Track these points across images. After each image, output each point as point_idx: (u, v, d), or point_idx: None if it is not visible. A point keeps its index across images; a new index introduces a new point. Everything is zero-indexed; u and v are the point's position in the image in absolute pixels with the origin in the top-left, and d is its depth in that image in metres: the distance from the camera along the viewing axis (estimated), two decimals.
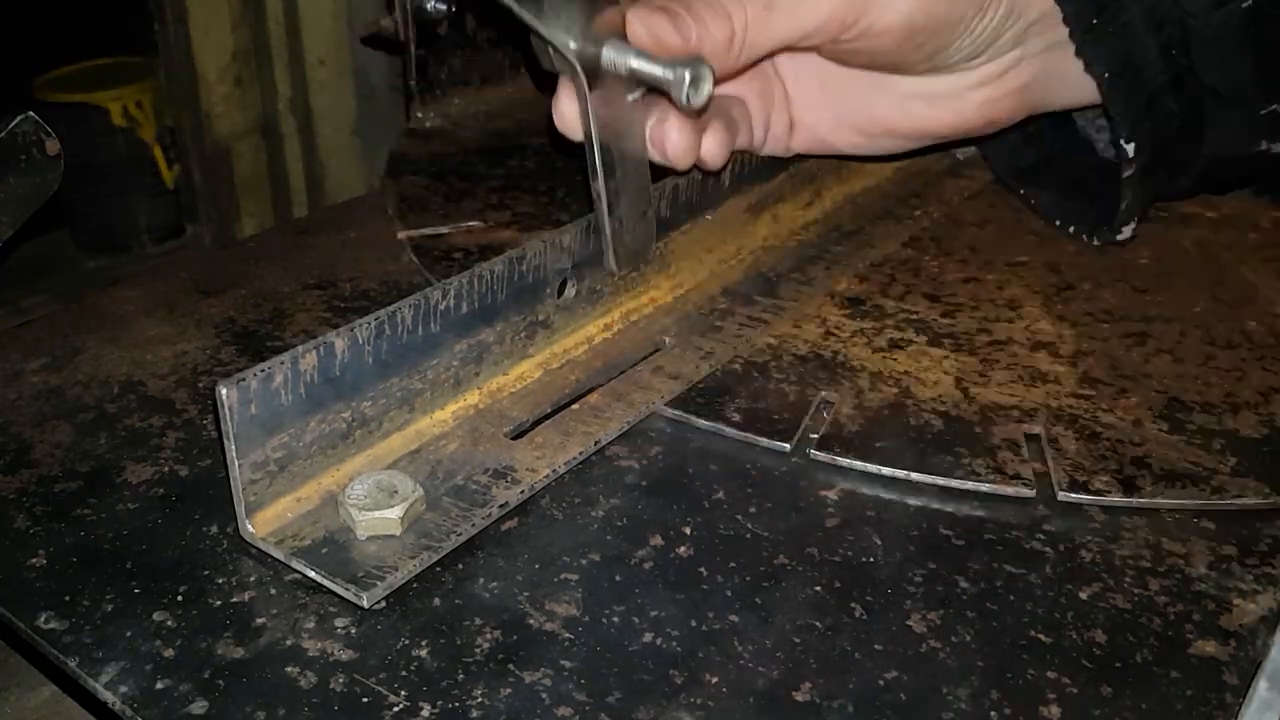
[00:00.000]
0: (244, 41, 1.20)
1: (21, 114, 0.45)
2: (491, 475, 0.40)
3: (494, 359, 0.44)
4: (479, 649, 0.33)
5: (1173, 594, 0.35)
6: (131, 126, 1.33)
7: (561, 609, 0.35)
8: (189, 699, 0.32)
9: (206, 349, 0.49)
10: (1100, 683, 0.32)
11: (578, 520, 0.39)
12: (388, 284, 0.54)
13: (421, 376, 0.41)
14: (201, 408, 0.45)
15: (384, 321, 0.38)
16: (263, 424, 0.36)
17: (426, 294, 0.40)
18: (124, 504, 0.39)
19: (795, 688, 0.32)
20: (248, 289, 0.54)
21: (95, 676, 0.32)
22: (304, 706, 0.31)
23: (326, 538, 0.36)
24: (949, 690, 0.32)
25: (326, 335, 0.37)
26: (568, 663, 0.33)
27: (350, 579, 0.35)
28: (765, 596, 0.35)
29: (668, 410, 0.44)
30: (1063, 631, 0.34)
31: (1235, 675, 0.33)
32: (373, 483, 0.37)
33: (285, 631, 0.34)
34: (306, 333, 0.50)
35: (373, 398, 0.39)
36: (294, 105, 1.20)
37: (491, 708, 0.31)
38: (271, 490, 0.37)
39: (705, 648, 0.34)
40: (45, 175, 0.46)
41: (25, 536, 0.38)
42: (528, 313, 0.44)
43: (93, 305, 0.52)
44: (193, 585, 0.36)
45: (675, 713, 0.31)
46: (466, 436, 0.42)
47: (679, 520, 0.39)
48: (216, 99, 1.20)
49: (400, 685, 0.32)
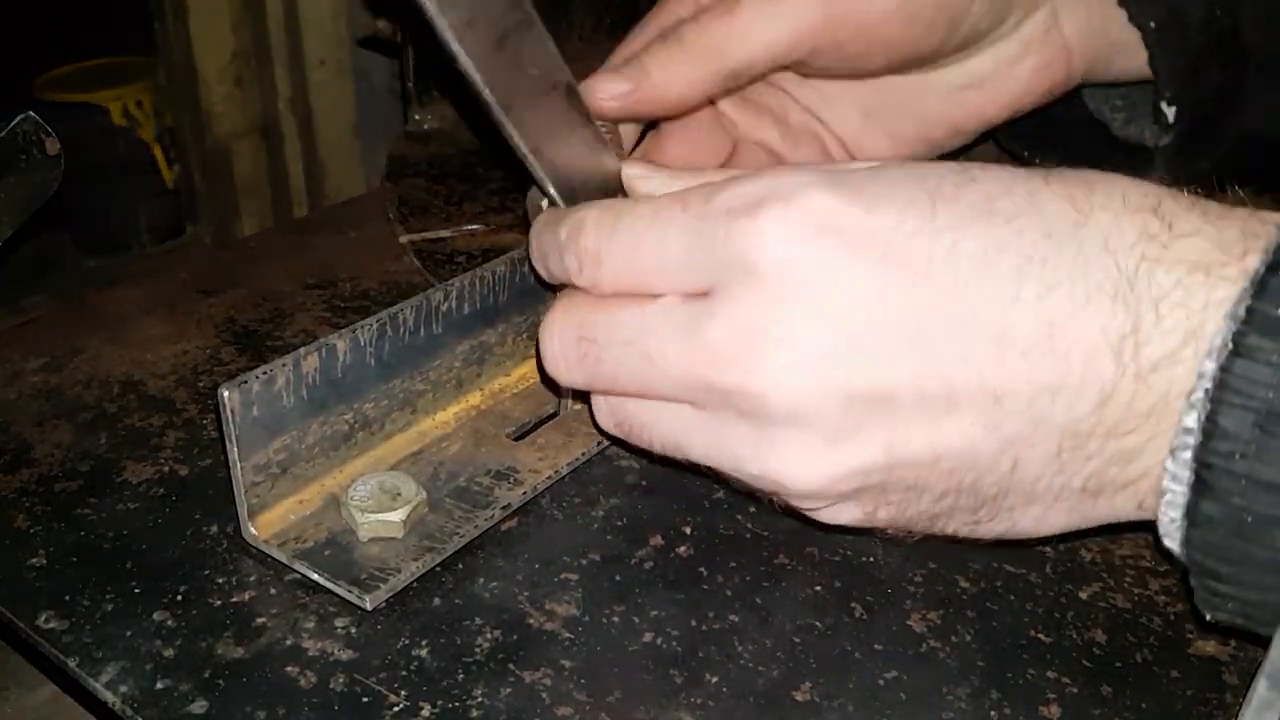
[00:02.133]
0: (244, 41, 1.19)
1: (21, 114, 0.44)
2: (494, 476, 0.40)
3: (496, 360, 0.44)
4: (479, 649, 0.33)
5: (1172, 594, 0.35)
6: (131, 126, 1.33)
7: (562, 609, 0.35)
8: (189, 699, 0.32)
9: (206, 349, 0.49)
10: (1100, 682, 0.32)
11: (578, 520, 0.39)
12: (388, 284, 0.54)
13: (423, 378, 0.41)
14: (201, 407, 0.45)
15: (385, 323, 0.38)
16: (265, 426, 0.36)
17: (428, 295, 0.40)
18: (124, 504, 0.39)
19: (795, 687, 0.32)
20: (248, 289, 0.54)
21: (95, 676, 0.32)
22: (304, 706, 0.31)
23: (329, 540, 0.36)
24: (949, 690, 0.32)
25: (328, 337, 0.37)
26: (568, 662, 0.33)
27: (353, 581, 0.35)
28: (765, 596, 0.35)
29: None
30: (1063, 631, 0.34)
31: (1235, 675, 0.33)
32: (375, 485, 0.37)
33: (285, 631, 0.34)
34: (306, 333, 0.50)
35: (375, 399, 0.39)
36: (294, 105, 1.20)
37: (491, 708, 0.31)
38: (274, 492, 0.37)
39: (705, 647, 0.34)
40: (45, 175, 0.45)
41: (25, 536, 0.38)
42: (530, 313, 0.44)
43: (93, 305, 0.52)
44: (193, 585, 0.36)
45: (675, 713, 0.31)
46: (469, 438, 0.42)
47: (679, 520, 0.39)
48: (216, 99, 1.20)
49: (400, 685, 0.32)
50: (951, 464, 0.30)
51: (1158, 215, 0.28)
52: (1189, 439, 0.27)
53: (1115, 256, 0.28)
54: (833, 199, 0.29)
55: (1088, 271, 0.28)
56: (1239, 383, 0.26)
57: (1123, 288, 0.28)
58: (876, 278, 0.29)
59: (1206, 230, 0.28)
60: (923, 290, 0.29)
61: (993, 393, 0.29)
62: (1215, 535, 0.27)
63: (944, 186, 0.29)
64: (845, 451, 0.30)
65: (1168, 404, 0.28)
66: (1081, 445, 0.29)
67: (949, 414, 0.29)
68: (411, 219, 0.60)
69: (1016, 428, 0.29)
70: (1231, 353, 0.26)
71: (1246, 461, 0.26)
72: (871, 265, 0.29)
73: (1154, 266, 0.28)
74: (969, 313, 0.28)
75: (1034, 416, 0.29)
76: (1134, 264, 0.28)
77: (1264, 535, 0.27)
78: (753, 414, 0.30)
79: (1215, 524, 0.27)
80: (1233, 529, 0.27)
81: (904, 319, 0.29)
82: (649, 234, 0.32)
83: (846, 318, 0.29)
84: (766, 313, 0.29)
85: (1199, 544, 0.28)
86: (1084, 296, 0.28)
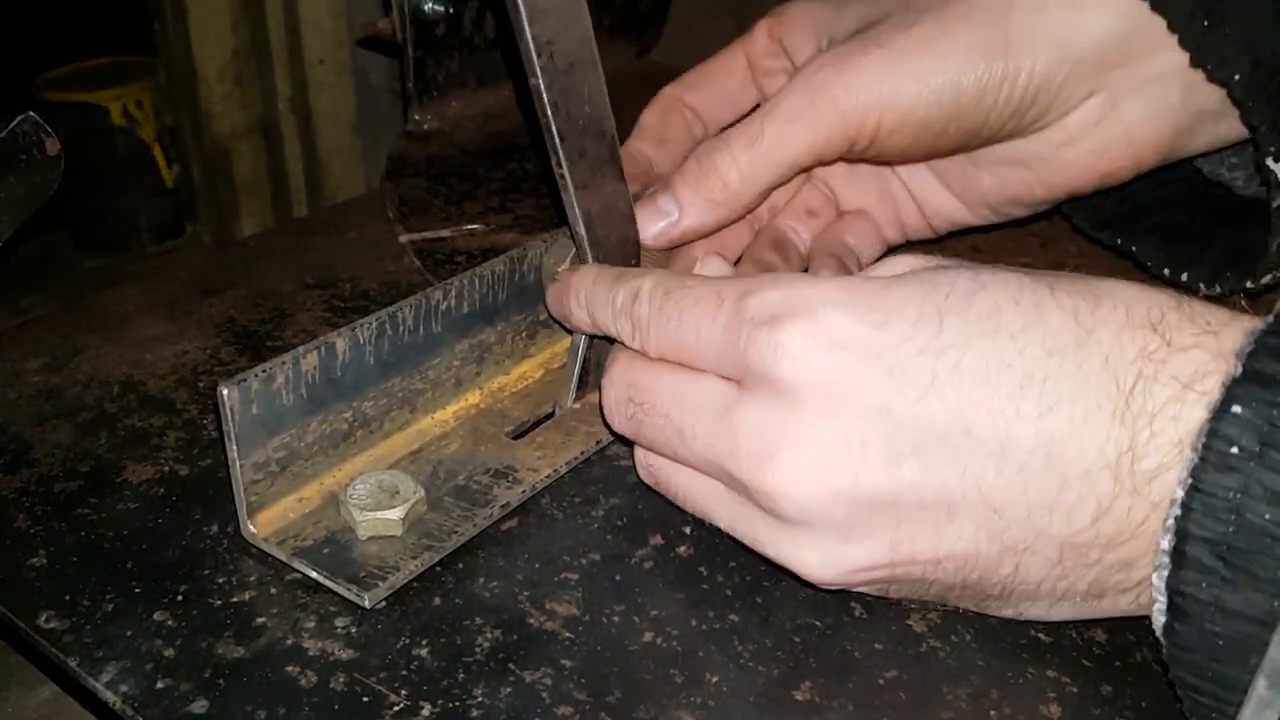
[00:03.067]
0: (244, 41, 1.19)
1: (21, 114, 0.44)
2: (493, 475, 0.40)
3: (495, 359, 0.44)
4: (479, 649, 0.33)
5: None
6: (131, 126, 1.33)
7: (562, 608, 0.35)
8: (189, 698, 0.32)
9: (206, 349, 0.49)
10: (1100, 682, 0.32)
11: (578, 520, 0.39)
12: (388, 284, 0.54)
13: (423, 376, 0.41)
14: (201, 407, 0.45)
15: (385, 321, 0.38)
16: (264, 424, 0.36)
17: (428, 294, 0.40)
18: (124, 503, 0.39)
19: (795, 687, 0.32)
20: (248, 289, 0.54)
21: (96, 676, 0.32)
22: (304, 706, 0.31)
23: (328, 538, 0.36)
24: (949, 690, 0.32)
25: (327, 335, 0.37)
26: (568, 662, 0.33)
27: (352, 579, 0.35)
28: (765, 596, 0.35)
29: None
30: (1063, 631, 0.34)
31: None
32: (374, 483, 0.37)
33: (285, 631, 0.34)
34: (306, 333, 0.50)
35: (374, 398, 0.39)
36: (294, 105, 1.20)
37: (492, 707, 0.31)
38: (273, 490, 0.37)
39: (705, 647, 0.34)
40: (45, 175, 0.45)
41: (25, 536, 0.38)
42: (529, 312, 0.44)
43: (93, 305, 0.52)
44: (193, 585, 0.36)
45: (675, 713, 0.31)
46: (468, 436, 0.42)
47: (679, 520, 0.39)
48: (216, 99, 1.20)
49: (400, 685, 0.32)
50: (955, 565, 0.31)
51: (1158, 331, 0.29)
52: (1165, 560, 0.28)
53: (1115, 374, 0.29)
54: (846, 317, 0.31)
55: (1087, 390, 0.29)
56: (1199, 517, 0.27)
57: (1120, 405, 0.29)
58: (883, 392, 0.30)
59: (1206, 341, 0.29)
60: (926, 404, 0.30)
61: (991, 504, 0.30)
62: (1192, 657, 0.28)
63: (953, 298, 0.31)
64: (855, 549, 0.32)
65: (1162, 513, 0.28)
66: (1082, 555, 0.30)
67: (950, 521, 0.30)
68: (411, 219, 0.59)
69: (1016, 537, 0.30)
70: (1191, 487, 0.27)
71: (1214, 590, 0.27)
72: (879, 380, 0.30)
73: (1150, 384, 0.29)
74: (969, 427, 0.30)
75: (1033, 527, 0.30)
76: (1131, 381, 0.29)
77: (1236, 659, 0.27)
78: (769, 510, 0.32)
79: (1191, 648, 0.28)
80: (1207, 652, 0.28)
81: (907, 430, 0.30)
82: (689, 319, 0.34)
83: (853, 427, 0.31)
84: (781, 418, 0.31)
85: (1180, 662, 0.29)
86: (1082, 415, 0.29)
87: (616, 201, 0.41)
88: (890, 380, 0.30)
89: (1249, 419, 0.27)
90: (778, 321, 0.32)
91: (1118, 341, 0.29)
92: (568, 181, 0.39)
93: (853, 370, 0.31)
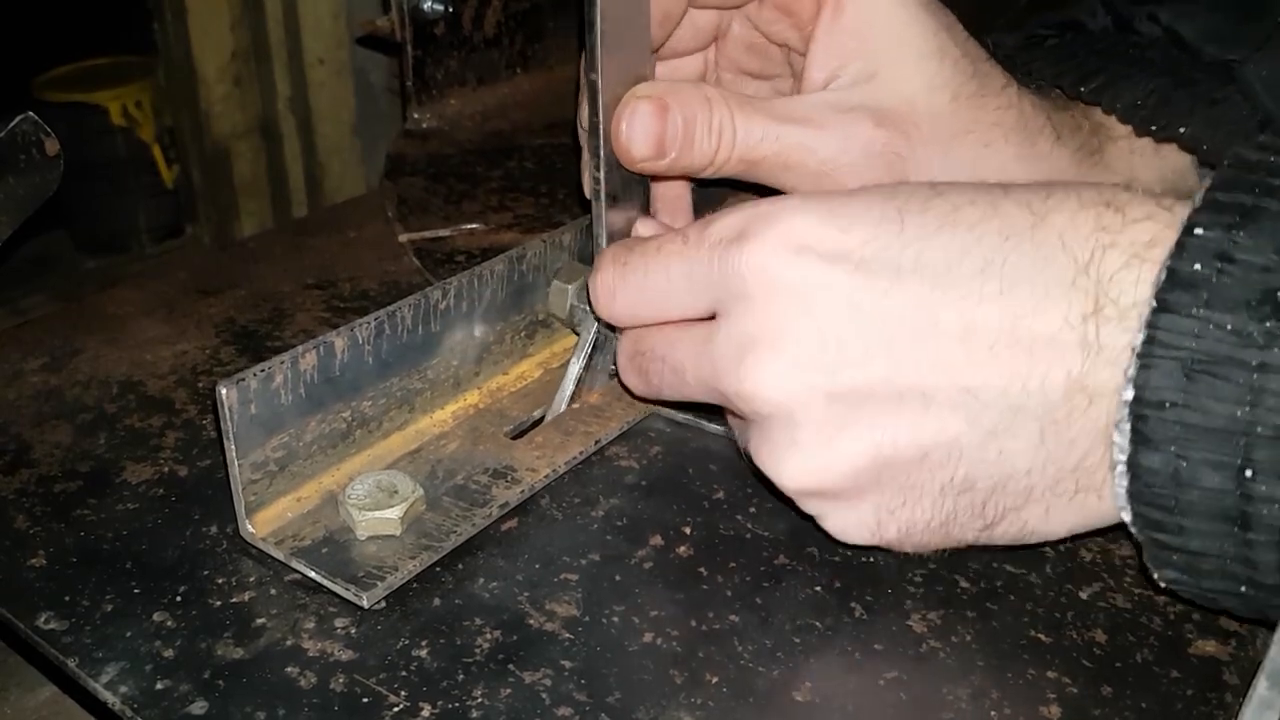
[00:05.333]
0: (243, 41, 1.20)
1: (21, 114, 0.45)
2: (491, 475, 0.40)
3: (494, 358, 0.44)
4: (479, 649, 0.33)
5: (1172, 593, 0.35)
6: (131, 126, 1.33)
7: (561, 609, 0.35)
8: (189, 699, 0.32)
9: (206, 349, 0.49)
10: (1100, 682, 0.32)
11: (578, 520, 0.39)
12: (387, 283, 0.54)
13: (421, 376, 0.41)
14: (201, 407, 0.45)
15: (384, 321, 0.38)
16: (263, 424, 0.36)
17: (427, 293, 0.40)
18: (124, 504, 0.39)
19: (795, 687, 0.32)
20: (247, 289, 0.54)
21: (95, 677, 0.32)
22: (304, 707, 0.31)
23: (326, 538, 0.36)
24: (949, 690, 0.32)
25: (326, 335, 0.37)
26: (568, 663, 0.33)
27: (350, 579, 0.35)
28: (765, 596, 0.35)
29: (668, 410, 0.44)
30: (1063, 631, 0.34)
31: (1235, 675, 0.33)
32: (373, 482, 0.37)
33: (285, 632, 0.34)
34: (306, 333, 0.50)
35: (372, 397, 0.39)
36: (293, 105, 1.20)
37: (491, 708, 0.31)
38: (271, 490, 0.37)
39: (705, 647, 0.34)
40: (45, 175, 0.45)
41: (25, 536, 0.38)
42: (528, 312, 0.44)
43: (92, 305, 0.52)
44: (193, 585, 0.36)
45: (675, 713, 0.31)
46: (466, 436, 0.42)
47: (679, 520, 0.39)
48: (216, 99, 1.20)
49: (400, 685, 0.32)
50: (939, 457, 0.31)
51: (1111, 207, 0.30)
52: (1129, 395, 0.29)
53: (1071, 250, 0.30)
54: (810, 222, 0.32)
55: (1046, 267, 0.30)
56: (1164, 335, 0.28)
57: (1079, 276, 0.30)
58: (851, 288, 0.31)
59: (1160, 214, 0.30)
60: (893, 297, 0.31)
61: (965, 386, 0.31)
62: (1155, 483, 0.29)
63: (913, 201, 0.32)
64: (834, 450, 0.32)
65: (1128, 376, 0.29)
66: (1063, 430, 0.30)
67: (927, 409, 0.31)
68: (411, 218, 0.59)
69: (995, 417, 0.31)
70: (1155, 309, 0.28)
71: (1177, 410, 0.28)
72: (846, 277, 0.31)
73: (1107, 250, 0.30)
74: (936, 314, 0.31)
75: (1010, 405, 0.30)
76: (1089, 252, 0.30)
77: (1198, 479, 0.28)
78: (752, 415, 0.34)
79: (1155, 473, 0.29)
80: (1170, 476, 0.28)
81: (877, 324, 0.31)
82: (655, 268, 0.35)
83: (825, 325, 0.32)
84: (756, 326, 0.33)
85: (1142, 496, 0.29)
86: (1043, 290, 0.30)
87: (634, 183, 0.41)
88: (856, 276, 0.31)
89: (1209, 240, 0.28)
90: (744, 236, 0.33)
91: (1072, 221, 0.30)
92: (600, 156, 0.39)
93: (820, 270, 0.32)
